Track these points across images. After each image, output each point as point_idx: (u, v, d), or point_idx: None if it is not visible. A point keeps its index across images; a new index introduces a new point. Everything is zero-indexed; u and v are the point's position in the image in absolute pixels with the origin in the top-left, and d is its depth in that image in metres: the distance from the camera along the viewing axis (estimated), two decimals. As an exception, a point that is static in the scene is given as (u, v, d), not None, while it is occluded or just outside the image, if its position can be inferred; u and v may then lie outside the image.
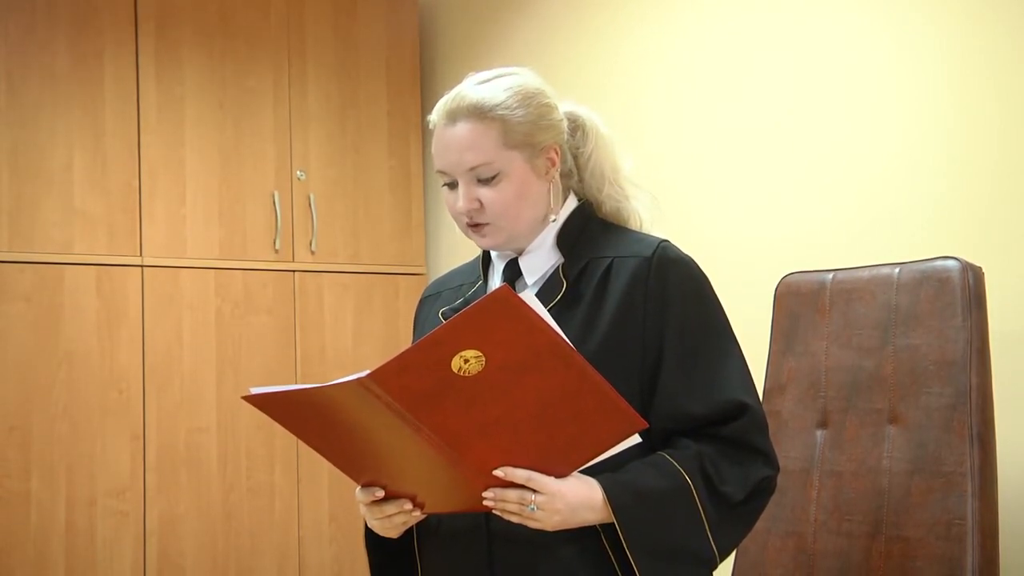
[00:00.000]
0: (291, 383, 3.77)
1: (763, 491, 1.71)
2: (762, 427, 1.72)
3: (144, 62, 3.65)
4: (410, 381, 1.43)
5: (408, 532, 1.74)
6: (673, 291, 1.71)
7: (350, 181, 3.99)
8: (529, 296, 1.45)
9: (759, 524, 2.32)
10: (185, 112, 3.71)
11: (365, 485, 1.65)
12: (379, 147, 4.05)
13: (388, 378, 1.42)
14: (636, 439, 1.57)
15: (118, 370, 3.52)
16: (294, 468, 3.71)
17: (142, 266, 3.59)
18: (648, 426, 1.57)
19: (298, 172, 3.88)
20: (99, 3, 3.59)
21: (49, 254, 3.46)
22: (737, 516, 1.68)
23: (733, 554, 2.35)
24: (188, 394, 3.62)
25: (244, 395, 1.57)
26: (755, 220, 3.03)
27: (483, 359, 1.42)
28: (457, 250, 3.95)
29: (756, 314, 2.64)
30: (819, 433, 2.28)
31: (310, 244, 3.88)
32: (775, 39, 3.00)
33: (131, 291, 3.57)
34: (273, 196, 3.82)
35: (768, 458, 1.71)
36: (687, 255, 1.78)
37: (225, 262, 3.72)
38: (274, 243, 3.81)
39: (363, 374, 1.42)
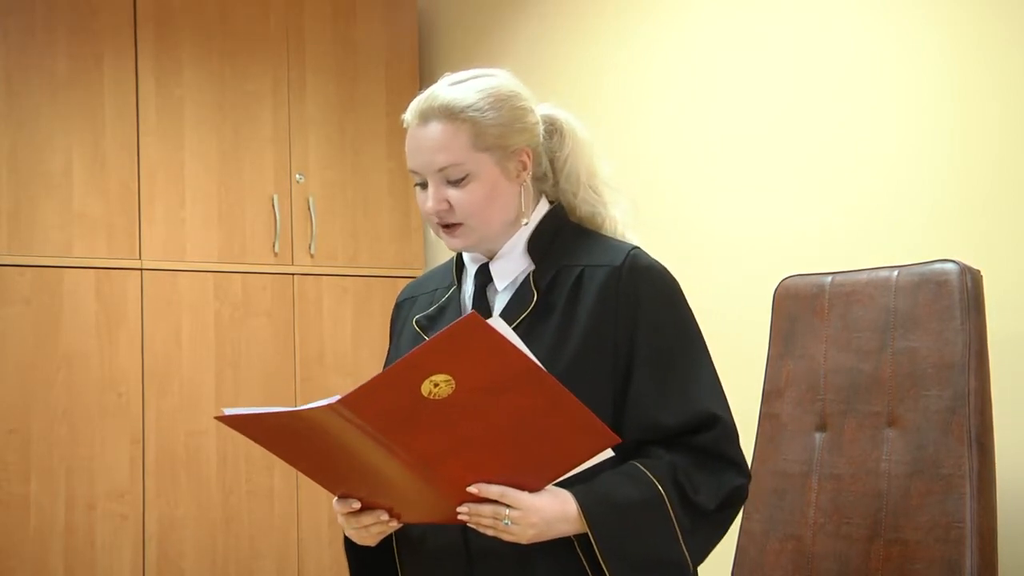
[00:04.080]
0: (290, 386, 3.78)
1: (735, 500, 1.71)
2: (733, 437, 1.72)
3: (143, 65, 3.65)
4: (381, 405, 1.44)
5: (387, 538, 1.75)
6: (643, 300, 1.70)
7: (349, 184, 3.99)
8: (497, 321, 1.45)
9: (758, 526, 2.33)
10: (184, 115, 3.71)
11: (341, 496, 1.65)
12: (378, 150, 4.05)
13: (359, 403, 1.43)
14: (609, 453, 1.57)
15: (117, 373, 3.52)
16: (293, 471, 3.71)
17: (141, 269, 3.59)
18: (621, 441, 1.56)
19: (297, 175, 3.88)
20: (98, 5, 3.60)
21: (48, 257, 3.46)
22: (710, 525, 1.68)
23: (732, 556, 2.36)
24: (187, 397, 3.62)
25: (217, 415, 1.57)
26: (754, 223, 3.03)
27: (453, 383, 1.42)
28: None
29: (755, 317, 2.64)
30: (818, 436, 2.28)
31: (309, 247, 3.88)
32: (774, 42, 3.00)
33: (130, 294, 3.57)
34: (272, 199, 3.82)
35: (740, 468, 1.71)
36: (658, 262, 1.77)
37: (224, 265, 3.73)
38: (273, 246, 3.81)
39: (334, 399, 1.43)
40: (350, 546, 1.80)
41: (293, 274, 3.85)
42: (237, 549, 3.65)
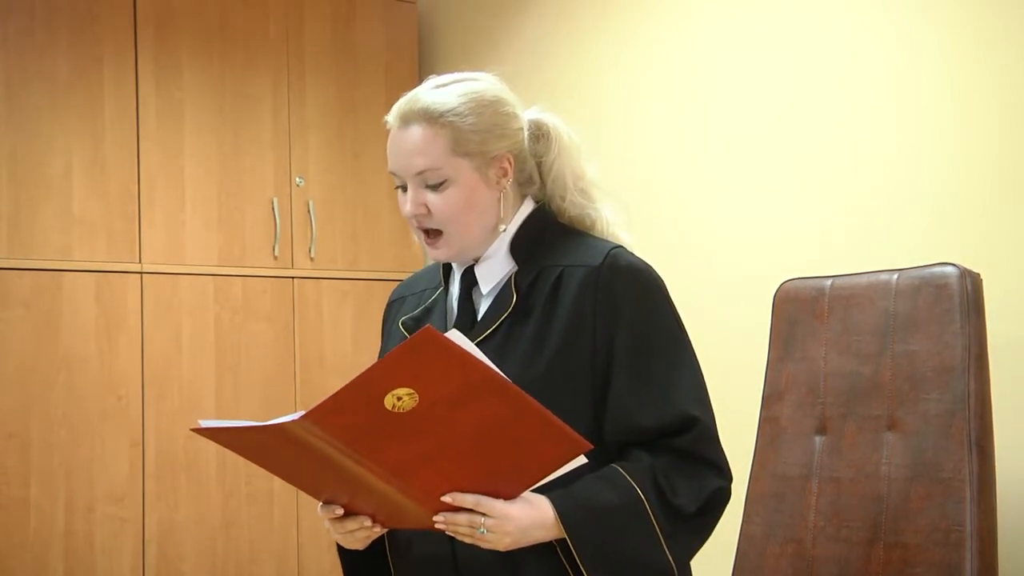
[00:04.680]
0: (290, 389, 3.78)
1: (716, 503, 1.70)
2: (712, 439, 1.71)
3: (143, 68, 3.65)
4: (345, 420, 1.43)
5: (380, 541, 1.75)
6: (622, 300, 1.69)
7: (349, 187, 3.99)
8: (455, 334, 1.45)
9: (758, 530, 2.32)
10: (184, 118, 3.71)
11: (325, 502, 1.66)
12: (378, 153, 4.02)
13: (323, 418, 1.43)
14: (582, 460, 1.56)
15: (117, 376, 3.52)
16: (293, 474, 3.71)
17: (141, 273, 3.59)
18: (593, 447, 1.55)
19: (297, 178, 3.88)
20: (98, 9, 3.60)
21: (48, 260, 3.45)
22: (691, 528, 1.67)
23: (732, 560, 2.36)
24: (187, 400, 3.62)
25: (193, 427, 1.57)
26: (754, 226, 3.03)
27: (416, 395, 1.42)
28: (456, 256, 3.94)
29: (755, 320, 2.64)
30: (818, 439, 2.28)
31: (309, 250, 3.88)
32: (774, 43, 3.00)
33: (130, 298, 3.57)
34: (272, 202, 3.82)
35: (720, 470, 1.70)
36: (639, 261, 1.75)
37: (224, 268, 3.73)
38: (273, 249, 3.81)
39: (299, 415, 1.43)
40: (342, 549, 1.80)
41: (293, 277, 3.85)
42: (237, 553, 3.65)
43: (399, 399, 1.42)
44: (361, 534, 1.66)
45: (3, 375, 3.36)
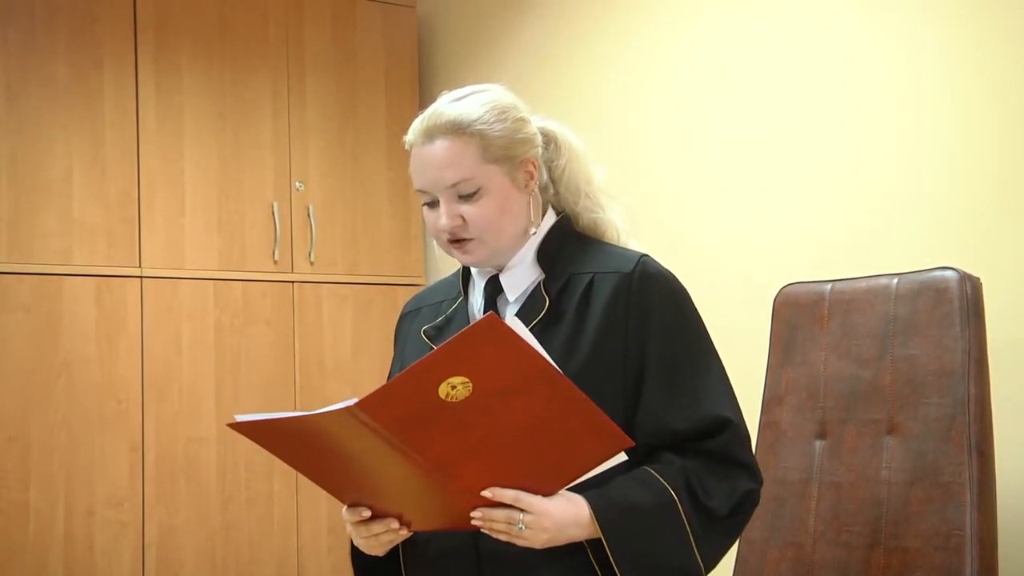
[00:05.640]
0: (289, 393, 3.78)
1: (747, 504, 1.72)
2: (744, 441, 1.73)
3: (143, 72, 3.65)
4: (398, 409, 1.44)
5: (394, 548, 1.74)
6: (654, 306, 1.72)
7: (349, 192, 3.99)
8: (515, 322, 1.46)
9: (758, 534, 2.32)
10: (184, 122, 3.71)
11: (351, 505, 1.65)
12: (378, 158, 4.05)
13: (376, 406, 1.43)
14: (623, 457, 1.57)
15: (117, 380, 3.52)
16: (293, 478, 3.71)
17: (141, 276, 3.59)
18: (635, 444, 1.57)
19: (297, 183, 3.88)
20: (99, 13, 3.60)
21: (48, 264, 3.46)
22: (722, 530, 1.69)
23: (732, 564, 2.35)
24: (187, 404, 3.62)
25: (229, 422, 1.57)
26: (754, 230, 3.03)
27: (470, 385, 1.43)
28: (455, 261, 3.94)
29: (755, 324, 2.64)
30: (818, 443, 2.28)
31: (309, 254, 3.88)
32: (774, 47, 3.00)
33: (130, 301, 3.57)
34: (272, 206, 3.82)
35: (751, 472, 1.72)
36: (667, 270, 1.78)
37: (224, 272, 3.73)
38: (273, 254, 3.81)
39: (351, 402, 1.43)
40: (356, 555, 1.79)
41: (293, 282, 3.85)
42: (236, 556, 3.64)
43: (453, 388, 1.43)
44: (386, 537, 1.65)
45: (3, 378, 3.37)
